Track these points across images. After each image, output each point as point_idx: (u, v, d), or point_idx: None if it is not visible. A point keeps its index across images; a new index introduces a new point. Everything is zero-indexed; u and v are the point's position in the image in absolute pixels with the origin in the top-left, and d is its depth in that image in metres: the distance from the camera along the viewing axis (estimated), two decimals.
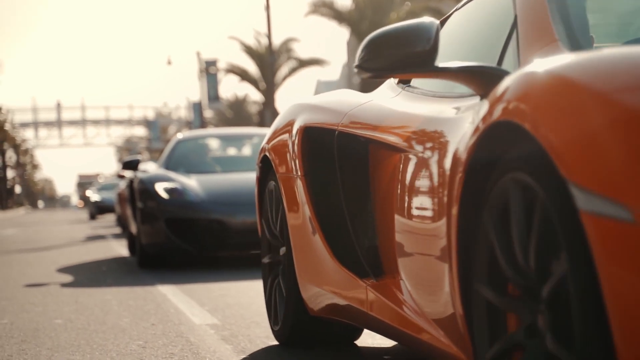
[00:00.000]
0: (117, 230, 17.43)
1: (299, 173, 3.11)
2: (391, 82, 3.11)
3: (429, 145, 2.37)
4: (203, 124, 43.47)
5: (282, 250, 3.40)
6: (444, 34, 2.90)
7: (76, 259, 9.36)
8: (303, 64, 37.61)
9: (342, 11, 30.90)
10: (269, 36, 26.09)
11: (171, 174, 8.06)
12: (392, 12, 28.90)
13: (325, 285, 3.01)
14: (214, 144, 9.42)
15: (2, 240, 15.14)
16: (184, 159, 8.79)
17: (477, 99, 2.28)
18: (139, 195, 7.83)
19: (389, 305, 2.57)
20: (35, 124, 67.82)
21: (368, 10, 30.59)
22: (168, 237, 7.45)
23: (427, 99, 2.71)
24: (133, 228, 8.73)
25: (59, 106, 66.90)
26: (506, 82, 1.80)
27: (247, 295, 5.38)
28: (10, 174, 61.50)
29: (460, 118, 2.24)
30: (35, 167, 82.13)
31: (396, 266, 2.57)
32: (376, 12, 30.49)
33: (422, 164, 2.37)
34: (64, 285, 6.53)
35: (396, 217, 2.53)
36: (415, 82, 2.96)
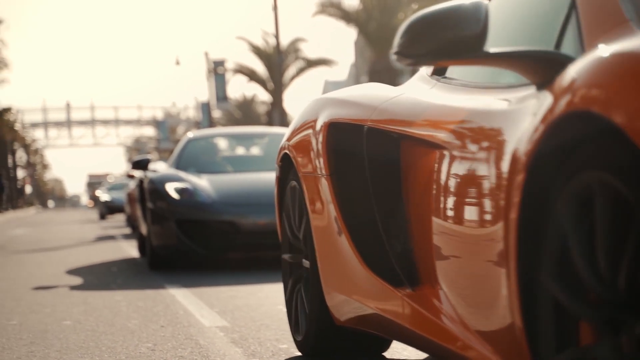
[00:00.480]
0: (127, 230, 17.43)
1: (324, 172, 2.88)
2: (423, 74, 2.86)
3: (476, 141, 2.14)
4: (211, 124, 43.49)
5: (306, 263, 3.17)
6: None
7: (85, 260, 9.36)
8: (311, 64, 37.59)
9: (350, 11, 30.84)
10: (276, 36, 26.08)
11: (182, 174, 7.88)
12: (400, 12, 28.84)
13: (354, 294, 2.77)
14: (225, 143, 9.27)
15: (12, 240, 15.17)
16: (195, 158, 8.59)
17: (531, 89, 2.03)
18: (149, 195, 7.67)
19: (429, 317, 2.34)
20: (45, 124, 68.02)
21: (375, 11, 30.53)
22: (179, 239, 7.29)
23: (469, 90, 2.45)
24: (143, 229, 8.62)
25: (68, 106, 67.06)
26: (574, 69, 1.63)
27: (257, 297, 5.35)
28: (20, 173, 61.68)
29: (515, 110, 2.00)
30: (45, 167, 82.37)
31: (434, 274, 2.34)
32: (384, 12, 30.42)
33: (469, 162, 2.13)
34: (73, 286, 6.52)
35: (434, 220, 2.30)
36: (452, 72, 2.70)
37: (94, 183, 70.16)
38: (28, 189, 68.04)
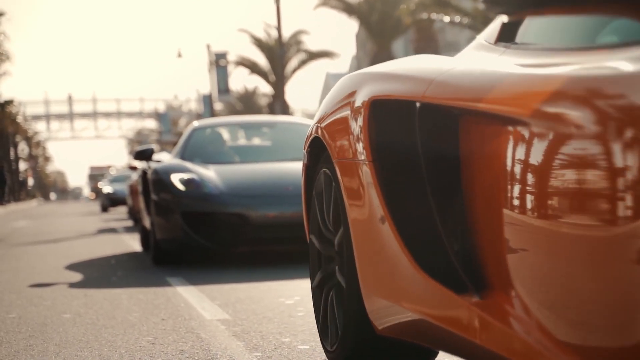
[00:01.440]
0: (129, 223, 17.38)
1: (366, 158, 2.43)
2: (481, 42, 2.42)
3: (589, 115, 1.65)
4: (213, 116, 43.42)
5: (339, 238, 2.70)
6: None
7: (87, 252, 9.31)
8: (312, 56, 37.50)
9: (352, 3, 30.75)
10: (278, 29, 26.00)
11: (187, 164, 7.49)
12: (402, 4, 28.74)
13: (401, 299, 2.33)
14: (232, 132, 8.85)
15: (13, 233, 15.13)
16: (201, 148, 8.20)
17: None
18: (153, 186, 7.32)
19: (502, 328, 1.91)
20: (47, 117, 68.04)
21: (377, 3, 30.44)
22: (184, 232, 6.93)
23: (559, 54, 1.96)
24: (146, 222, 8.26)
25: (70, 99, 67.03)
26: None
27: (258, 289, 5.30)
28: (22, 166, 61.69)
29: None
30: (47, 159, 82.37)
31: (507, 277, 1.93)
32: (385, 4, 30.34)
33: (577, 142, 1.66)
34: (74, 278, 6.47)
35: (507, 213, 1.89)
36: (525, 36, 2.23)
37: (95, 175, 70.12)
38: (30, 182, 68.04)
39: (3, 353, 3.51)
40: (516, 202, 1.87)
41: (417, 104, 2.26)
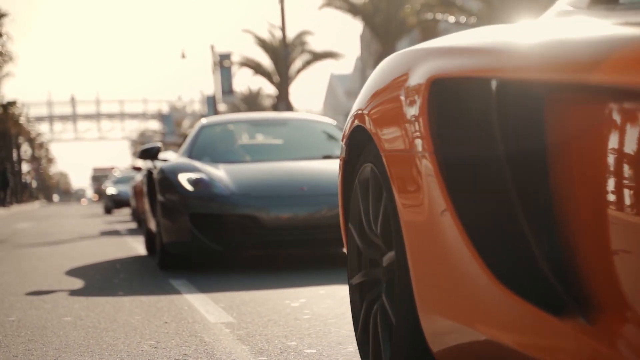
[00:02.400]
0: (133, 225, 17.29)
1: (425, 148, 2.00)
2: (567, 8, 2.03)
3: None
4: None
5: (389, 256, 2.32)
6: None
7: (89, 254, 9.22)
8: (317, 57, 37.42)
9: (356, 4, 30.66)
10: (282, 29, 25.93)
11: (196, 163, 7.05)
12: (407, 4, 28.63)
13: (473, 320, 1.87)
14: (241, 130, 8.38)
15: (15, 234, 15.05)
16: (210, 146, 7.74)
17: None
18: (160, 186, 6.87)
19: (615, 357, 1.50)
20: (50, 118, 68.09)
21: (382, 3, 30.35)
22: (193, 235, 6.50)
23: None
24: (152, 224, 7.86)
25: (73, 100, 67.09)
26: None
27: (263, 291, 5.20)
28: (25, 167, 61.70)
29: None
30: (50, 160, 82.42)
31: (622, 295, 1.50)
32: (390, 4, 30.25)
33: None
34: (76, 281, 6.38)
35: (622, 214, 1.49)
36: None
37: (98, 177, 70.10)
38: (33, 183, 68.07)
39: (1, 357, 3.41)
40: (631, 200, 1.47)
41: (494, 82, 1.82)
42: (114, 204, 27.36)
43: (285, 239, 6.47)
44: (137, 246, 10.14)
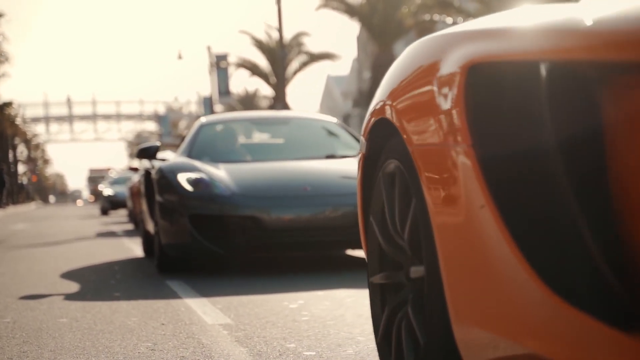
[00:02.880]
0: (129, 226, 17.21)
1: (462, 141, 1.78)
2: None
3: None
4: None
5: (417, 270, 2.12)
6: None
7: (85, 255, 9.16)
8: (314, 58, 37.38)
9: (353, 4, 30.62)
10: (279, 30, 25.87)
11: (195, 163, 6.82)
12: (404, 5, 28.61)
13: (518, 333, 1.65)
14: (242, 129, 8.13)
15: (11, 235, 14.98)
16: (209, 145, 7.49)
17: None
18: (158, 187, 6.65)
19: None
20: (47, 119, 67.98)
21: (379, 4, 30.32)
22: (193, 237, 6.27)
23: None
24: (150, 226, 7.65)
25: (69, 101, 66.98)
26: None
27: (261, 292, 5.15)
28: (21, 168, 61.58)
29: None
30: (46, 162, 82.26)
31: None
32: (387, 5, 30.22)
33: None
34: (72, 282, 6.32)
35: None
36: None
37: (95, 177, 69.93)
38: (30, 185, 67.92)
39: None
40: None
41: (544, 65, 1.61)
42: (110, 205, 27.10)
43: (287, 241, 6.23)
44: (134, 247, 10.08)
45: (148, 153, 7.35)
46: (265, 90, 58.19)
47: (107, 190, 27.59)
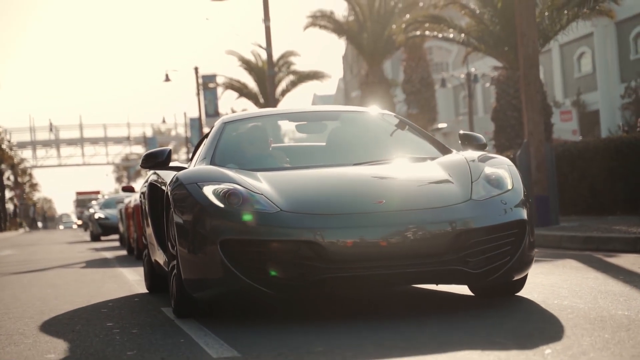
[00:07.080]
0: (122, 252, 16.39)
1: None
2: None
3: None
4: None
5: None
6: None
7: (74, 282, 8.73)
8: (302, 77, 37.12)
9: (342, 23, 30.42)
10: (268, 50, 25.56)
11: (225, 171, 5.03)
12: (392, 23, 28.40)
13: None
14: (276, 127, 6.54)
15: None
16: (236, 149, 5.73)
17: None
18: (176, 203, 4.88)
19: None
20: (33, 144, 67.51)
21: (368, 22, 30.15)
22: (226, 270, 4.50)
23: None
24: (158, 255, 5.99)
25: (52, 127, 66.51)
26: None
27: (269, 320, 4.73)
28: (8, 194, 60.99)
29: None
30: (33, 186, 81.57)
31: None
32: (376, 23, 30.05)
33: None
34: (60, 311, 5.90)
35: None
36: None
37: (83, 201, 69.17)
38: (17, 210, 67.27)
39: None
40: None
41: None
42: (101, 229, 24.17)
43: (357, 274, 4.47)
44: (127, 274, 9.66)
45: (156, 160, 5.63)
46: (254, 111, 57.94)
47: (97, 214, 24.63)
